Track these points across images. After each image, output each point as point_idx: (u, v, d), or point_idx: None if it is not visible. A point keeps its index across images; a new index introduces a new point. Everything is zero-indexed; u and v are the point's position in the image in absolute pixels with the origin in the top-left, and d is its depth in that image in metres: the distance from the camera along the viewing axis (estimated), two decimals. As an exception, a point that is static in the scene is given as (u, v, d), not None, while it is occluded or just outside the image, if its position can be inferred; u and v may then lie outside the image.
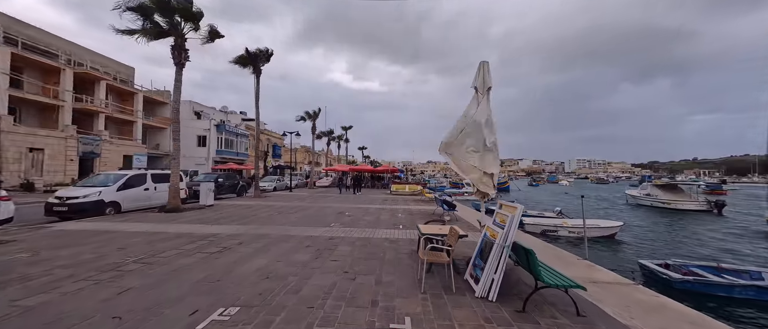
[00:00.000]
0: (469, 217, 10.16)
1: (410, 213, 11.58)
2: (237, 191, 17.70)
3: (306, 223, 8.85)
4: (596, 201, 29.27)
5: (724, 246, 11.09)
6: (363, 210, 12.06)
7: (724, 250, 10.56)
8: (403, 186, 22.83)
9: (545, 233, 11.13)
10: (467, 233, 4.76)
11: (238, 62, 17.33)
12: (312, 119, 28.65)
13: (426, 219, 9.98)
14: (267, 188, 22.93)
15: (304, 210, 11.88)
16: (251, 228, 7.96)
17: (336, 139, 42.60)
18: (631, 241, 11.53)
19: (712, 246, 11.26)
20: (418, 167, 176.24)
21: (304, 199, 16.62)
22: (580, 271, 4.78)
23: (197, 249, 5.76)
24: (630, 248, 10.68)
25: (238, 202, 14.56)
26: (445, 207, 9.83)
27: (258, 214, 10.54)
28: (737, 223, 17.22)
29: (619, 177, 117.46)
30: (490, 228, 4.15)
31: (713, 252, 10.42)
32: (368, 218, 10.08)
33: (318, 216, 10.43)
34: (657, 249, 10.68)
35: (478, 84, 4.71)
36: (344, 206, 13.56)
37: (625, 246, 10.90)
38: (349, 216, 10.58)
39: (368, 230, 7.92)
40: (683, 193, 21.23)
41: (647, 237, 12.56)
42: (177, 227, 7.97)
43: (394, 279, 4.23)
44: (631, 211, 21.42)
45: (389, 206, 13.79)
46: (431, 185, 34.16)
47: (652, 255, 9.59)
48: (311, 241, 6.51)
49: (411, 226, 8.59)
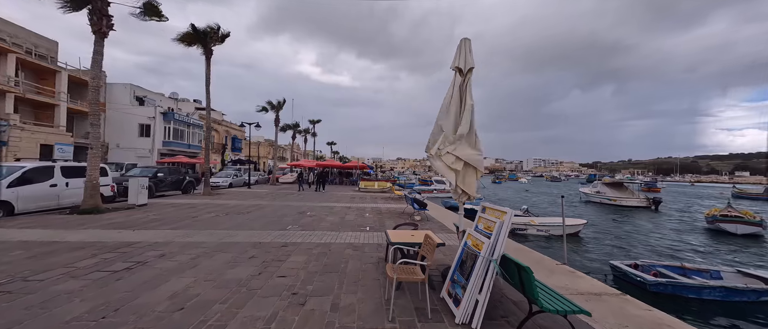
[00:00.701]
0: (441, 217, 9.62)
1: (379, 212, 10.78)
2: (182, 187, 15.52)
3: (257, 226, 7.62)
4: (554, 198, 31.03)
5: (676, 246, 11.72)
6: (327, 210, 11.01)
7: (676, 249, 11.12)
8: (372, 183, 22.02)
9: (514, 231, 10.89)
10: (444, 240, 4.04)
11: (184, 40, 15.07)
12: (275, 110, 26.52)
13: (395, 219, 9.25)
14: (221, 184, 20.73)
15: (259, 210, 10.51)
16: (184, 234, 6.56)
17: (302, 132, 40.47)
18: (592, 238, 11.93)
19: (665, 243, 11.95)
20: (388, 164, 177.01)
21: (262, 197, 15.05)
22: (562, 279, 4.33)
23: (96, 266, 4.37)
24: (592, 245, 10.95)
25: (180, 201, 12.63)
26: (416, 206, 9.18)
27: (200, 216, 9.00)
28: (673, 218, 19.07)
29: (570, 176, 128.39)
30: (472, 236, 3.45)
31: (667, 250, 11.03)
32: (332, 219, 9.08)
33: (274, 217, 9.19)
34: (615, 246, 11.11)
35: (461, 63, 3.99)
36: (307, 205, 12.36)
37: (588, 244, 11.09)
38: (310, 216, 9.48)
39: (330, 234, 6.95)
40: (628, 191, 23.20)
41: (604, 233, 13.15)
42: (83, 234, 6.31)
43: (354, 302, 3.36)
44: (586, 208, 22.89)
45: (356, 204, 12.88)
46: (401, 182, 33.82)
47: (612, 253, 9.88)
48: (258, 250, 5.38)
49: (379, 227, 7.78)
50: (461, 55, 4.04)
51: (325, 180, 21.83)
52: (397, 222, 8.61)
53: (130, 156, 27.60)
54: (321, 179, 20.77)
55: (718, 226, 13.39)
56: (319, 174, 21.53)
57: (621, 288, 4.58)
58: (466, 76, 4.05)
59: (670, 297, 5.27)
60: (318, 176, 21.29)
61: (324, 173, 22.76)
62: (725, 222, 13.04)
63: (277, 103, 26.61)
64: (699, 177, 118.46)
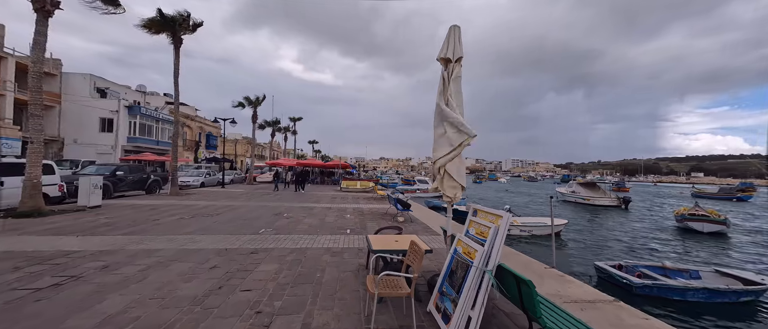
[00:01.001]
0: (425, 218, 9.31)
1: (361, 212, 10.33)
2: (147, 187, 14.26)
3: (226, 230, 6.93)
4: (532, 198, 31.95)
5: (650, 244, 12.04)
6: (306, 211, 10.40)
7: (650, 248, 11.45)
8: (354, 183, 21.49)
9: None
10: (431, 246, 3.68)
11: (150, 27, 13.83)
12: (253, 106, 25.27)
13: (378, 220, 8.83)
14: (192, 184, 19.40)
15: (231, 212, 9.72)
16: (138, 240, 5.79)
17: (282, 130, 39.09)
18: (571, 238, 12.05)
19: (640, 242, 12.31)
20: (371, 163, 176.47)
21: (236, 198, 14.13)
22: (553, 285, 4.10)
23: (17, 281, 3.62)
24: (573, 245, 11.00)
25: (142, 202, 11.53)
26: (399, 206, 8.81)
27: (162, 219, 8.14)
28: (644, 217, 20.03)
29: (545, 176, 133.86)
30: (462, 242, 3.10)
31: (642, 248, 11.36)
32: (310, 221, 8.52)
33: (247, 219, 8.49)
34: (595, 245, 11.30)
35: (449, 53, 3.64)
36: (284, 206, 11.67)
37: (569, 244, 11.17)
38: (287, 218, 8.85)
39: (307, 237, 6.41)
40: (600, 191, 24.24)
41: (582, 233, 13.41)
42: (12, 242, 5.39)
43: (330, 320, 2.91)
44: (563, 207, 23.63)
45: (338, 205, 12.34)
46: (384, 182, 33.48)
47: (592, 253, 10.01)
48: (222, 258, 4.78)
49: (360, 230, 7.34)
50: (450, 44, 3.69)
51: (306, 180, 20.36)
52: (379, 224, 8.22)
53: (89, 152, 25.31)
54: (300, 179, 19.34)
55: (687, 225, 14.01)
56: (299, 174, 19.95)
57: (608, 292, 4.45)
58: (452, 66, 3.70)
59: (657, 299, 5.26)
60: (297, 175, 19.78)
61: (304, 172, 21.11)
62: (693, 221, 13.69)
63: (255, 98, 25.38)
64: (660, 177, 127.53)
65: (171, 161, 14.78)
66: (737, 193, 31.98)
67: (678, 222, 14.91)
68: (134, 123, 28.47)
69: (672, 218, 16.50)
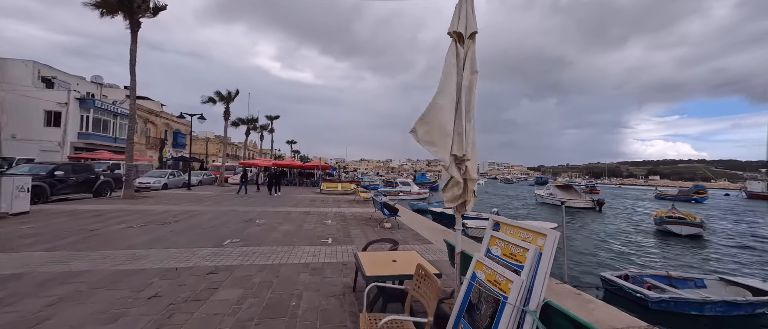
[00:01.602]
0: (414, 224, 8.61)
1: (343, 218, 9.45)
2: (95, 190, 12.42)
3: (182, 242, 5.81)
4: (510, 200, 32.46)
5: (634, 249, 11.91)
6: (282, 216, 9.35)
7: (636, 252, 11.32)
8: (334, 185, 20.45)
9: None
10: (436, 265, 2.95)
11: (100, 6, 12.10)
12: (225, 102, 23.44)
13: (362, 226, 8.02)
14: (152, 186, 17.46)
15: (192, 218, 8.47)
16: (62, 258, 4.58)
17: (259, 128, 37.02)
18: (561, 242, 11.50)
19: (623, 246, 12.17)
20: (352, 164, 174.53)
21: (202, 201, 12.69)
22: (574, 307, 3.51)
23: None
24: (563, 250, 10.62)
25: (86, 207, 9.89)
26: (386, 211, 8.05)
27: (103, 228, 6.80)
28: (619, 218, 20.71)
29: (520, 178, 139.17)
30: (484, 265, 2.39)
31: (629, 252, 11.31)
32: (286, 228, 7.53)
33: (211, 227, 7.34)
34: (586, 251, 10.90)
35: (461, 27, 2.96)
36: (257, 210, 10.51)
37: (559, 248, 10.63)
38: (259, 225, 7.80)
39: (281, 250, 5.48)
40: (576, 193, 25.03)
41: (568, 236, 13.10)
42: None
43: (308, 381, 2.08)
44: (542, 209, 24.07)
45: (317, 209, 11.35)
46: (365, 183, 32.60)
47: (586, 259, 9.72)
48: (168, 282, 3.76)
49: (343, 239, 6.49)
50: (462, 15, 2.99)
51: (281, 182, 17.95)
52: (364, 231, 7.41)
53: (31, 150, 22.31)
54: (275, 180, 17.10)
55: (665, 227, 14.31)
56: (273, 175, 17.64)
57: (623, 306, 3.98)
58: (466, 44, 3.00)
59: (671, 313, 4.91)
60: (271, 177, 17.47)
61: (279, 173, 18.58)
62: (671, 224, 14.04)
63: (227, 93, 23.57)
64: (623, 180, 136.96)
65: (126, 160, 13.02)
66: (693, 195, 34.59)
67: (657, 224, 15.22)
68: (87, 117, 25.57)
69: (645, 220, 17.03)
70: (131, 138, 13.04)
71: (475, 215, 12.84)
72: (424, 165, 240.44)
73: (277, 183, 17.07)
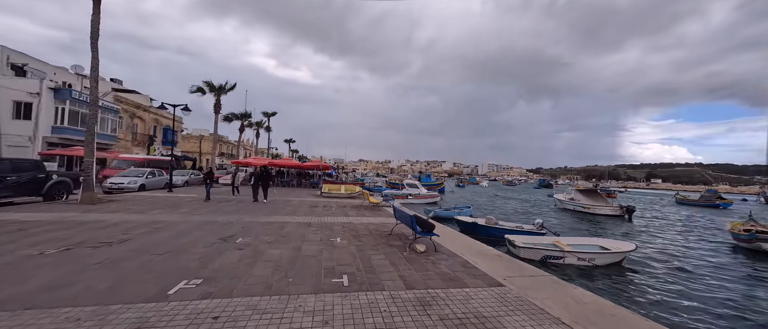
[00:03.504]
0: (458, 246, 6.30)
1: (354, 232, 7.17)
2: (44, 192, 10.06)
3: (98, 289, 3.51)
4: (527, 205, 30.14)
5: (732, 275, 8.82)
6: (274, 230, 7.06)
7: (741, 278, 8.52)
8: (337, 187, 18.15)
9: (546, 261, 7.68)
10: None
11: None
12: (216, 94, 21.09)
13: (385, 248, 5.73)
14: (126, 187, 15.09)
15: (149, 235, 6.16)
16: None
17: (254, 125, 34.68)
18: (640, 268, 8.26)
19: (716, 271, 9.06)
20: (350, 165, 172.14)
21: (178, 207, 10.37)
22: None
23: None
24: (644, 277, 7.67)
25: (15, 216, 7.55)
26: (418, 228, 5.77)
27: (14, 252, 4.47)
28: (667, 231, 17.13)
29: (521, 180, 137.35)
30: None
31: (728, 278, 8.48)
32: (278, 252, 5.24)
33: (166, 254, 5.04)
34: (670, 277, 7.96)
35: None
36: (245, 221, 8.21)
37: (640, 279, 7.58)
38: (240, 247, 5.50)
39: (265, 307, 3.19)
40: (601, 199, 22.71)
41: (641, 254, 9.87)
42: None
43: None
44: (565, 216, 21.84)
45: (319, 218, 9.06)
46: (367, 185, 30.30)
47: (680, 293, 7.05)
48: None
49: (365, 279, 4.20)
50: None
51: (268, 184, 13.04)
52: (389, 255, 5.11)
53: (-6, 144, 19.85)
54: (262, 182, 12.76)
55: (759, 246, 11.11)
56: (258, 176, 13.00)
57: None
58: None
59: None
60: (256, 178, 12.99)
61: (266, 174, 13.10)
62: (766, 242, 11.01)
63: (218, 85, 21.21)
64: (625, 183, 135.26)
65: (85, 155, 10.65)
66: (717, 200, 32.59)
67: (743, 241, 11.97)
68: (62, 110, 23.13)
69: (704, 234, 14.31)
70: (92, 128, 10.68)
71: (514, 226, 10.61)
72: (423, 165, 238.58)
73: (263, 186, 12.77)
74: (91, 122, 10.70)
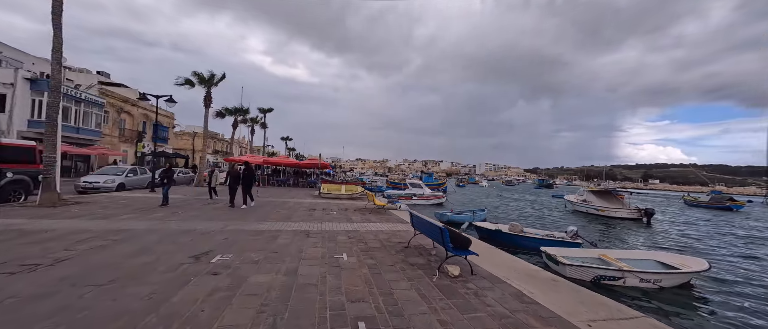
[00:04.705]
0: (500, 268, 4.93)
1: (364, 245, 5.80)
2: (-4, 192, 8.58)
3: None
4: (536, 207, 28.80)
5: None
6: (263, 244, 5.67)
7: None
8: (337, 187, 16.77)
9: (599, 282, 6.23)
10: None
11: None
12: (206, 85, 19.52)
13: (406, 271, 4.36)
14: (103, 186, 13.60)
15: (105, 249, 4.76)
16: None
17: (249, 121, 33.12)
18: (715, 290, 6.75)
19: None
20: (348, 164, 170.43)
21: (153, 212, 8.93)
22: None
23: None
24: (719, 299, 6.25)
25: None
26: (451, 245, 4.41)
27: None
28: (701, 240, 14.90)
29: (519, 180, 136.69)
30: None
31: None
32: (266, 280, 3.86)
33: (120, 279, 3.65)
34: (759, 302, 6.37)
35: None
36: (228, 229, 6.81)
37: (716, 299, 6.23)
38: (217, 267, 4.12)
39: None
40: (616, 201, 21.50)
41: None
42: None
43: None
44: (575, 218, 20.63)
45: (320, 225, 7.67)
46: (367, 184, 28.88)
47: None
48: None
49: (392, 321, 2.84)
50: None
51: (250, 184, 10.37)
52: (412, 279, 3.61)
53: (-37, 139, 18.16)
54: (243, 183, 10.22)
55: None
56: (236, 177, 10.36)
57: None
58: None
59: None
60: (232, 177, 10.36)
61: (247, 175, 10.38)
62: None
63: (208, 77, 19.65)
64: (623, 184, 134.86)
65: (45, 150, 9.14)
66: (727, 202, 31.61)
67: None
68: (40, 102, 21.43)
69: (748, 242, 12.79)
70: (54, 118, 9.18)
71: (545, 235, 9.27)
72: (420, 165, 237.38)
73: (245, 187, 10.16)
74: (53, 112, 9.19)
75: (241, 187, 10.31)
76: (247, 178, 10.35)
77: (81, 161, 25.65)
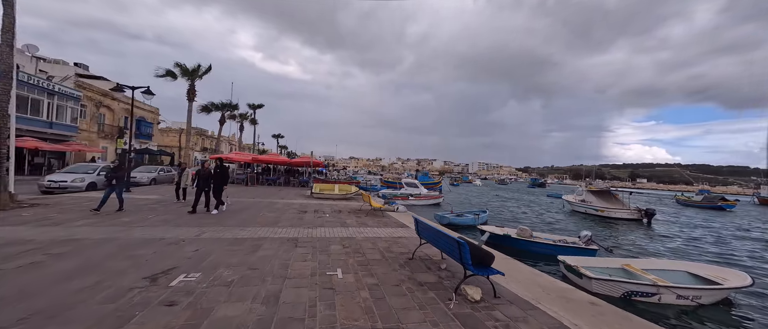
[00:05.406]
0: (528, 289, 4.13)
1: (361, 257, 4.93)
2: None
3: None
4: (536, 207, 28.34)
5: None
6: (242, 255, 4.75)
7: None
8: (330, 187, 15.84)
9: (630, 298, 5.47)
10: None
11: None
12: (189, 77, 18.27)
13: (417, 297, 3.52)
14: (71, 186, 12.36)
15: (41, 267, 3.77)
16: None
17: (238, 117, 31.78)
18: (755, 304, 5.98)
19: None
20: (341, 162, 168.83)
21: (119, 215, 7.87)
22: None
23: None
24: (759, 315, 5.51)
25: None
26: (470, 260, 3.58)
27: None
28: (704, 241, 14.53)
29: (512, 179, 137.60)
30: None
31: None
32: (239, 310, 2.96)
33: (43, 312, 2.69)
34: None
35: None
36: (204, 237, 5.84)
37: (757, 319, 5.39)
38: (176, 293, 3.20)
39: None
40: (616, 201, 21.14)
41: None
42: None
43: None
44: (577, 220, 20.13)
45: (310, 231, 6.76)
46: (361, 183, 27.96)
47: None
48: None
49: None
50: None
51: (221, 187, 8.80)
52: (422, 304, 2.89)
53: None
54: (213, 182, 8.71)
55: None
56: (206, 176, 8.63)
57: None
58: None
59: None
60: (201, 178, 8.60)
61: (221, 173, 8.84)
62: None
63: (192, 68, 18.40)
64: (612, 183, 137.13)
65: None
66: (719, 202, 31.87)
67: None
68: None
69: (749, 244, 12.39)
70: (4, 110, 7.98)
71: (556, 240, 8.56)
72: (414, 164, 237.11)
73: (215, 188, 8.69)
74: (3, 101, 8.00)
75: (212, 189, 8.69)
76: (219, 179, 8.72)
77: (55, 158, 23.98)
